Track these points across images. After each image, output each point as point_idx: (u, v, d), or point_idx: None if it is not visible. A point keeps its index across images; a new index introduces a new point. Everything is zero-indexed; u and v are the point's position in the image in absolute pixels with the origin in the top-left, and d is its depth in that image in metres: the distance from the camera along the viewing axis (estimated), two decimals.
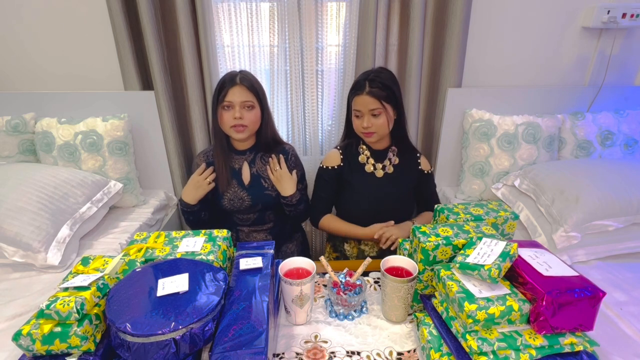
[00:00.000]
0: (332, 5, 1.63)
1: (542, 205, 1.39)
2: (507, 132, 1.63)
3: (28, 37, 1.64)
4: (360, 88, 1.24)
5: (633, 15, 1.61)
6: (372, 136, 1.28)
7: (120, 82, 1.67)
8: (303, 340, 0.87)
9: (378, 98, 1.22)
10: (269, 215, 1.42)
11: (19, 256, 1.22)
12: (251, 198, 1.36)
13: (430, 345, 0.79)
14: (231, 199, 1.35)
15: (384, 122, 1.26)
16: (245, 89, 1.25)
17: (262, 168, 1.38)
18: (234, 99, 1.24)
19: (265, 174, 1.38)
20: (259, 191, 1.36)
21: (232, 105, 1.25)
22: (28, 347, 0.69)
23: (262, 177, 1.37)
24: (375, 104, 1.22)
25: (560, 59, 1.76)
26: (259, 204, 1.37)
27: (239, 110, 1.25)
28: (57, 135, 1.55)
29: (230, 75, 1.27)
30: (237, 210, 1.38)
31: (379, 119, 1.25)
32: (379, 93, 1.22)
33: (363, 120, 1.25)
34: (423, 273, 0.88)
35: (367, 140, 1.32)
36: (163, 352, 0.64)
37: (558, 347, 0.71)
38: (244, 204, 1.36)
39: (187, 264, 0.81)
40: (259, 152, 1.38)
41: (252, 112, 1.28)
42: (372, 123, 1.25)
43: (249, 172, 1.37)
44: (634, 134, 1.71)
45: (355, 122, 1.30)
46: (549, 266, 0.77)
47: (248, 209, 1.38)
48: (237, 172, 1.37)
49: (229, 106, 1.25)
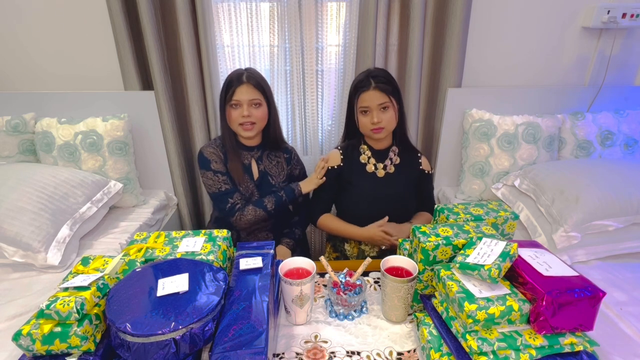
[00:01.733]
0: (332, 5, 1.63)
1: (542, 205, 1.39)
2: (507, 132, 1.63)
3: (28, 37, 1.64)
4: (366, 85, 1.24)
5: (633, 15, 1.61)
6: (382, 132, 1.27)
7: (120, 82, 1.67)
8: (303, 340, 0.87)
9: (385, 92, 1.23)
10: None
11: (19, 256, 1.22)
12: (260, 195, 1.39)
13: (430, 345, 0.79)
14: (244, 194, 1.38)
15: (392, 117, 1.26)
16: (252, 87, 1.27)
17: (269, 165, 1.41)
18: (242, 97, 1.26)
19: (272, 172, 1.41)
20: (267, 188, 1.40)
21: (239, 103, 1.27)
22: (28, 347, 0.69)
23: (269, 175, 1.40)
24: (384, 98, 1.23)
25: (560, 59, 1.76)
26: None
27: (246, 108, 1.27)
28: (57, 135, 1.55)
29: (237, 73, 1.29)
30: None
31: (387, 113, 1.25)
32: (385, 87, 1.23)
33: (372, 116, 1.25)
34: (423, 273, 0.88)
35: (376, 136, 1.31)
36: (163, 352, 0.64)
37: (558, 347, 0.71)
38: (252, 198, 1.39)
39: (187, 264, 0.81)
40: (265, 150, 1.41)
41: (259, 109, 1.30)
42: (381, 118, 1.25)
43: (257, 169, 1.40)
44: (634, 134, 1.71)
45: (362, 120, 1.29)
46: (549, 266, 0.77)
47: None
48: (247, 167, 1.39)
49: (237, 104, 1.28)
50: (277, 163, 1.43)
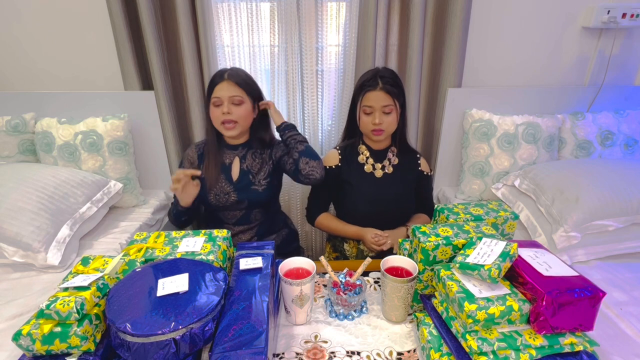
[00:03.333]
0: (332, 5, 1.62)
1: (542, 205, 1.39)
2: (507, 132, 1.63)
3: (28, 37, 1.64)
4: (373, 84, 1.23)
5: (633, 15, 1.61)
6: (382, 134, 1.27)
7: (120, 82, 1.67)
8: (303, 340, 0.87)
9: (391, 95, 1.22)
10: (255, 214, 1.40)
11: (19, 256, 1.22)
12: (237, 194, 1.35)
13: (430, 345, 0.79)
14: (217, 194, 1.34)
15: (394, 120, 1.26)
16: (232, 84, 1.26)
17: (253, 164, 1.37)
18: (222, 94, 1.26)
19: (254, 170, 1.37)
20: (246, 187, 1.36)
21: (220, 101, 1.26)
22: (28, 347, 0.69)
23: (251, 173, 1.37)
24: (388, 101, 1.22)
25: (560, 59, 1.76)
26: (245, 200, 1.36)
27: (227, 105, 1.26)
28: (57, 135, 1.55)
29: (220, 72, 1.29)
30: (223, 206, 1.36)
31: (389, 116, 1.24)
32: (392, 90, 1.22)
33: (374, 117, 1.24)
34: (423, 273, 0.88)
35: (375, 138, 1.30)
36: (163, 352, 0.64)
37: (558, 347, 0.71)
38: (229, 199, 1.34)
39: (187, 264, 0.81)
40: (251, 149, 1.38)
41: (240, 107, 1.28)
42: (382, 120, 1.24)
43: (239, 167, 1.37)
44: (634, 134, 1.71)
45: (363, 119, 1.28)
46: (549, 266, 0.77)
47: (233, 205, 1.36)
48: (226, 167, 1.37)
49: (218, 103, 1.27)
50: (261, 160, 1.39)
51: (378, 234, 1.27)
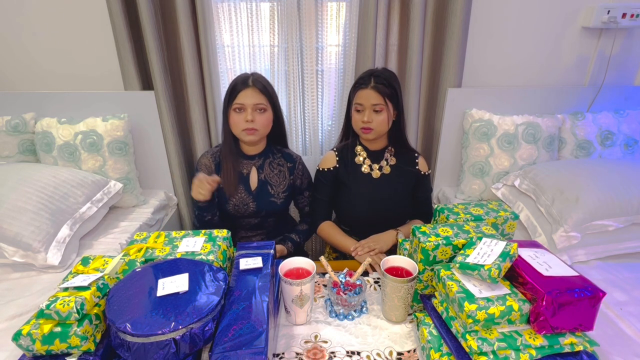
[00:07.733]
0: (332, 5, 1.63)
1: (542, 205, 1.39)
2: (507, 132, 1.63)
3: (28, 37, 1.64)
4: (365, 82, 1.23)
5: (633, 15, 1.61)
6: (370, 133, 1.27)
7: (120, 82, 1.67)
8: (303, 340, 0.87)
9: (382, 94, 1.22)
10: (270, 221, 1.41)
11: (19, 256, 1.22)
12: (256, 204, 1.33)
13: (430, 345, 0.79)
14: (236, 205, 1.32)
15: (384, 120, 1.25)
16: (257, 92, 1.23)
17: (271, 174, 1.35)
18: (246, 101, 1.22)
19: (272, 180, 1.35)
20: (264, 198, 1.34)
21: (243, 107, 1.23)
22: (28, 347, 0.69)
23: (269, 184, 1.35)
24: (379, 99, 1.22)
25: (560, 59, 1.76)
26: (263, 211, 1.35)
27: (250, 112, 1.22)
28: (57, 135, 1.55)
29: (243, 77, 1.24)
30: (241, 216, 1.36)
31: (379, 115, 1.24)
32: (383, 89, 1.22)
33: (364, 115, 1.25)
34: (423, 273, 0.88)
35: (365, 137, 1.30)
36: (163, 352, 0.64)
37: (558, 347, 0.71)
38: (248, 209, 1.33)
39: (187, 264, 0.81)
40: (267, 158, 1.36)
41: (264, 115, 1.25)
42: (372, 119, 1.24)
43: (257, 177, 1.34)
44: (634, 134, 1.71)
45: (355, 116, 1.28)
46: (549, 266, 0.77)
47: (251, 215, 1.36)
48: (245, 177, 1.34)
49: (241, 108, 1.23)
50: (280, 172, 1.37)
51: (357, 246, 1.23)
